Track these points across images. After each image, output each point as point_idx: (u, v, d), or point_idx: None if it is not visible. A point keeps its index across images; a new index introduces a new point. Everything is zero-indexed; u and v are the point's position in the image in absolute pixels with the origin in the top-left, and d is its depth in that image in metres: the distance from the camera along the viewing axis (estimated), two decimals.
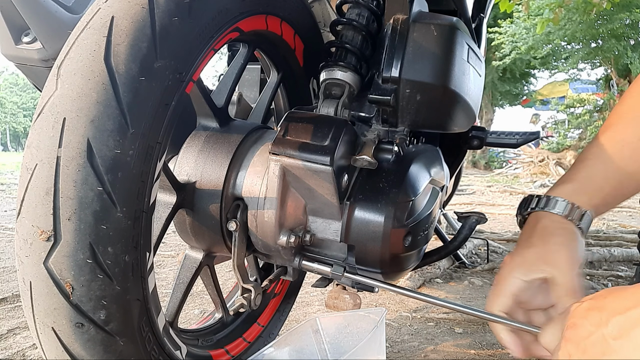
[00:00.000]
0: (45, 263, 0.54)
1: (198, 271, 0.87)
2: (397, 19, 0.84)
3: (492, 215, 4.09)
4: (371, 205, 0.77)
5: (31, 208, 0.54)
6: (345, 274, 0.79)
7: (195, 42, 0.63)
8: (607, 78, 11.91)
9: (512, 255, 0.70)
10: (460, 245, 0.96)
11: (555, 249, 0.67)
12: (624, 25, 10.02)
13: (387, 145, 0.82)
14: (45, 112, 0.56)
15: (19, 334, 1.35)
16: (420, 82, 0.81)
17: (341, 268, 0.79)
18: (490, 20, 4.28)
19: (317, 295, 1.74)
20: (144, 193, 0.59)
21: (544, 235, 0.70)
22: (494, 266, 2.19)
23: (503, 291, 0.68)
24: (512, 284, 0.67)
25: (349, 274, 0.79)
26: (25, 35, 0.83)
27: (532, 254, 0.68)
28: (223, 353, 0.93)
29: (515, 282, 0.67)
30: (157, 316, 0.67)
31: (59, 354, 0.58)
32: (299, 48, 0.98)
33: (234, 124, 0.87)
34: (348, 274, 0.79)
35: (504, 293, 0.67)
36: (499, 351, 1.31)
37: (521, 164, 11.49)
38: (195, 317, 1.53)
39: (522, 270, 0.67)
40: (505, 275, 0.68)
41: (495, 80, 15.04)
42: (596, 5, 5.98)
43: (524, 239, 0.72)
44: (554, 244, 0.68)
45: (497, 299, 0.68)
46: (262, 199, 0.78)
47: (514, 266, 0.68)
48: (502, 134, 1.48)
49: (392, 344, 1.34)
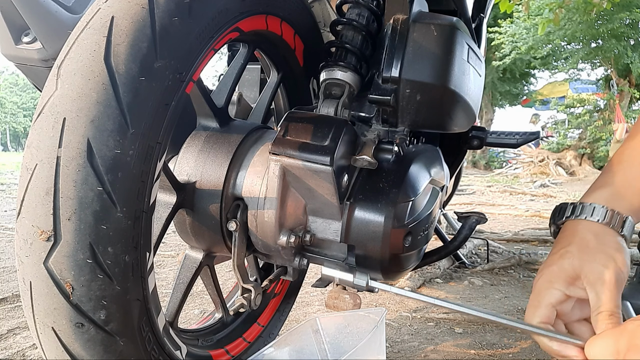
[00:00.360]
0: (45, 263, 0.54)
1: (198, 271, 0.87)
2: (397, 19, 0.84)
3: (492, 215, 4.09)
4: (371, 205, 0.77)
5: (31, 208, 0.54)
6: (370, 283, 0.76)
7: (195, 42, 0.63)
8: (607, 78, 11.91)
9: (549, 265, 0.67)
10: (460, 245, 0.97)
11: (598, 265, 0.62)
12: (624, 25, 10.02)
13: (387, 145, 0.82)
14: (45, 112, 0.56)
15: (19, 334, 1.35)
16: (420, 82, 0.81)
17: (365, 276, 0.76)
18: (490, 20, 4.28)
19: (317, 295, 1.74)
20: (144, 193, 0.59)
21: (584, 246, 0.65)
22: (494, 266, 2.19)
23: (542, 302, 0.65)
24: (552, 295, 0.64)
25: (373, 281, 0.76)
26: (25, 35, 0.83)
27: (572, 266, 0.64)
28: (223, 353, 0.93)
29: (554, 293, 0.64)
30: (157, 316, 0.67)
31: (59, 354, 0.58)
32: (299, 48, 0.98)
33: (234, 124, 0.87)
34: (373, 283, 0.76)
35: (543, 304, 0.64)
36: (499, 351, 1.31)
37: (521, 164, 11.50)
38: (195, 317, 1.53)
39: (562, 283, 0.64)
40: (545, 285, 0.65)
41: (495, 80, 15.04)
42: (596, 5, 5.98)
43: (561, 247, 0.67)
44: (596, 259, 0.63)
45: (536, 310, 0.65)
46: (262, 199, 0.78)
47: (553, 277, 0.65)
48: (502, 134, 1.48)
49: (392, 344, 1.34)
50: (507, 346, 1.34)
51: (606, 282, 0.61)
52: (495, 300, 1.76)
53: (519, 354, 1.29)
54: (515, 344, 1.35)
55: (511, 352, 1.31)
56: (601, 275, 0.61)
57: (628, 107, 11.49)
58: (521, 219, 4.03)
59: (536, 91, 17.25)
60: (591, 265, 0.62)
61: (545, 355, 1.29)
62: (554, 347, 0.63)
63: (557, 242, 0.70)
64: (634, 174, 0.70)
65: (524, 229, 3.32)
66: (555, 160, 11.01)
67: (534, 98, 17.20)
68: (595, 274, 0.62)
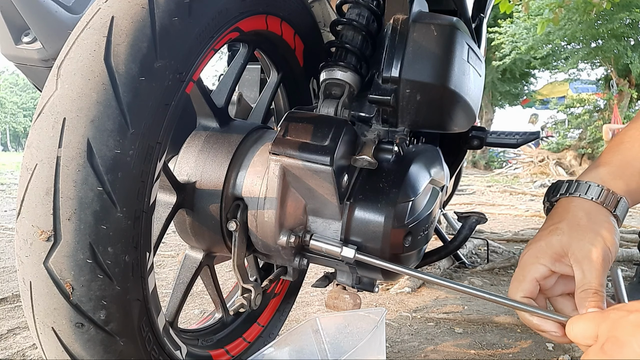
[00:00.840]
0: (45, 263, 0.54)
1: (198, 271, 0.87)
2: (397, 19, 0.84)
3: (492, 215, 4.09)
4: (371, 205, 0.77)
5: (31, 208, 0.54)
6: (357, 255, 0.75)
7: (195, 42, 0.63)
8: (607, 78, 11.92)
9: (537, 240, 0.66)
10: (460, 245, 0.97)
11: (587, 243, 0.62)
12: (624, 25, 10.02)
13: (387, 145, 0.82)
14: (45, 112, 0.56)
15: (19, 334, 1.35)
16: (420, 82, 0.81)
17: (352, 249, 0.75)
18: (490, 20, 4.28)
19: (317, 295, 1.74)
20: (144, 193, 0.59)
21: (574, 224, 0.64)
22: (494, 266, 2.19)
23: (527, 276, 0.64)
24: (536, 270, 0.64)
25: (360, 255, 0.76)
26: (25, 35, 0.83)
27: (560, 243, 0.63)
28: (223, 353, 0.93)
29: (539, 268, 0.64)
30: (157, 316, 0.67)
31: (59, 354, 0.58)
32: (299, 48, 0.98)
33: (234, 124, 0.87)
34: (360, 255, 0.76)
35: (528, 278, 0.64)
36: (499, 351, 1.31)
37: (521, 164, 11.50)
38: (195, 317, 1.53)
39: (548, 259, 0.64)
40: (531, 260, 0.65)
41: (495, 80, 15.04)
42: (596, 5, 5.98)
43: (552, 224, 0.66)
44: (585, 237, 0.62)
45: (520, 284, 0.65)
46: (262, 199, 0.78)
47: (540, 253, 0.64)
48: (502, 134, 1.48)
49: (392, 344, 1.34)
50: (507, 346, 1.34)
51: (593, 260, 0.61)
52: None
53: (519, 354, 1.29)
54: (515, 344, 1.35)
55: (511, 352, 1.31)
56: (589, 254, 0.61)
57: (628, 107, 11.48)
58: (521, 219, 4.03)
59: (536, 91, 17.25)
60: (580, 243, 0.62)
61: (545, 355, 1.29)
62: (534, 322, 0.64)
63: (549, 218, 0.69)
64: (634, 154, 0.69)
65: (524, 229, 3.32)
66: (555, 160, 11.02)
67: (534, 98, 17.21)
68: (583, 251, 0.61)
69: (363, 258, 0.76)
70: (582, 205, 0.66)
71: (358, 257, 0.76)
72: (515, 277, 0.67)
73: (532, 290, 0.65)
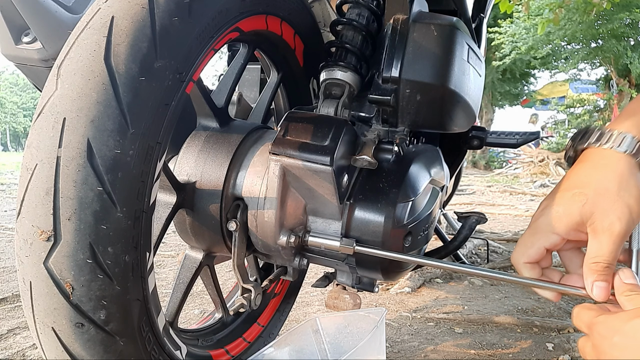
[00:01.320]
0: (45, 263, 0.54)
1: (198, 271, 0.87)
2: (397, 19, 0.84)
3: (492, 215, 4.09)
4: (371, 205, 0.77)
5: (31, 208, 0.54)
6: (357, 247, 0.75)
7: (195, 42, 0.63)
8: (607, 78, 11.92)
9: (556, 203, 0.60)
10: (460, 245, 0.96)
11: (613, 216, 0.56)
12: (624, 25, 10.03)
13: (387, 145, 0.82)
14: (45, 112, 0.56)
15: (19, 334, 1.35)
16: (420, 82, 0.81)
17: (351, 242, 0.74)
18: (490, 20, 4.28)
19: (317, 295, 1.75)
20: (144, 193, 0.59)
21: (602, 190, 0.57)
22: (494, 266, 2.19)
23: (535, 244, 0.61)
24: (547, 239, 0.60)
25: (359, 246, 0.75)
26: (25, 35, 0.83)
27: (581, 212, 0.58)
28: (223, 353, 0.93)
29: (551, 238, 0.60)
30: (157, 316, 0.67)
31: (59, 354, 0.58)
32: (299, 48, 0.98)
33: (234, 124, 0.87)
34: (359, 247, 0.75)
35: (537, 245, 0.61)
36: (499, 351, 1.31)
37: (521, 164, 11.49)
38: (195, 317, 1.53)
39: (563, 228, 0.59)
40: (544, 227, 0.60)
41: (495, 80, 15.04)
42: (596, 5, 5.99)
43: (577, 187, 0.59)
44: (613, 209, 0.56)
45: (527, 250, 0.62)
46: (262, 199, 0.78)
47: (556, 219, 0.59)
48: (502, 134, 1.48)
49: (392, 344, 1.34)
50: (507, 346, 1.34)
51: (614, 234, 0.56)
52: (495, 300, 1.76)
53: (519, 354, 1.29)
54: (515, 344, 1.35)
55: (511, 352, 1.31)
56: (611, 227, 0.56)
57: None
58: (521, 219, 4.03)
59: (536, 91, 17.26)
60: (604, 214, 0.57)
61: (545, 355, 1.29)
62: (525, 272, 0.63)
63: (574, 173, 0.62)
64: None
65: (524, 229, 3.31)
66: (555, 160, 11.00)
67: (534, 98, 17.21)
68: (605, 224, 0.57)
69: (363, 250, 0.75)
70: (613, 165, 0.59)
71: (358, 249, 0.75)
72: (523, 241, 0.63)
73: (537, 258, 0.62)
